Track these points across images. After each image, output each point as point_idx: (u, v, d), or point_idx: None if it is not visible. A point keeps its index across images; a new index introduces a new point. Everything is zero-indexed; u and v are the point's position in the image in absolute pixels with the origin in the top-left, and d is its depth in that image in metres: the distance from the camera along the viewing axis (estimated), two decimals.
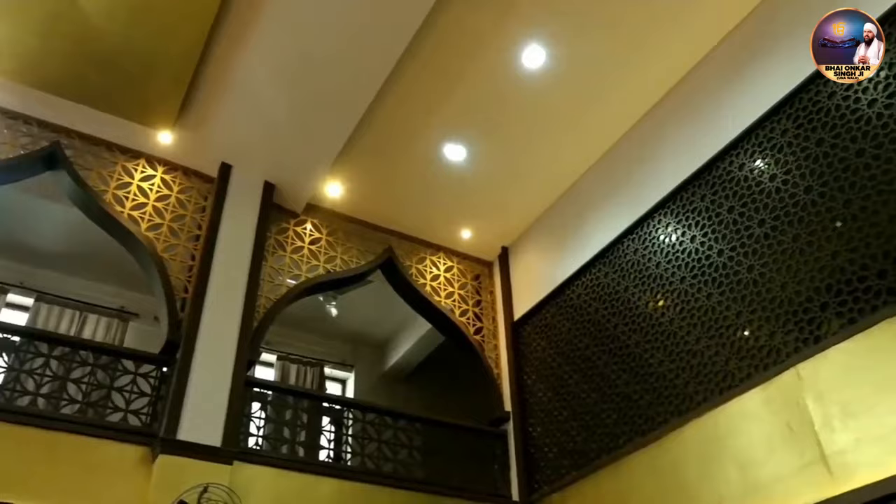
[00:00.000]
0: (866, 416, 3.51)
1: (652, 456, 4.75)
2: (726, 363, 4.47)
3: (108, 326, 7.37)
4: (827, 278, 4.02)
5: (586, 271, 6.05)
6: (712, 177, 5.01)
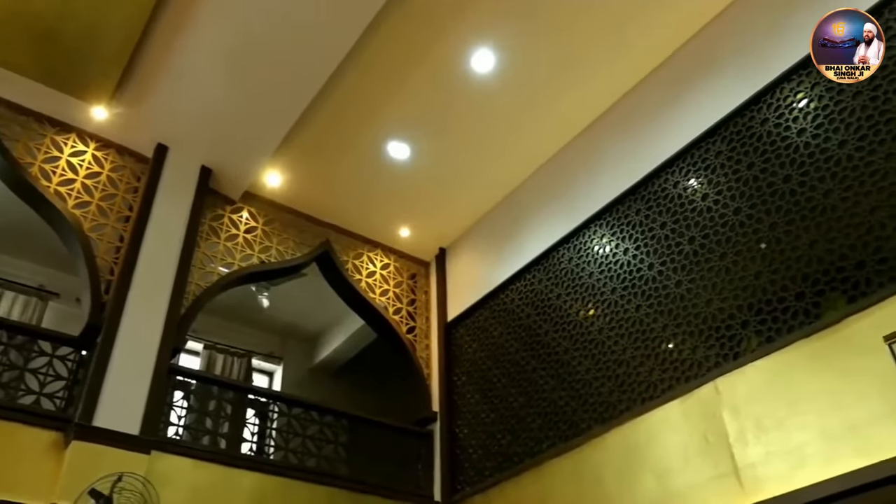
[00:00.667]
0: (777, 431, 3.67)
1: (574, 461, 4.85)
2: (650, 374, 4.60)
3: (25, 305, 7.06)
4: (749, 297, 4.18)
5: (521, 277, 6.13)
6: (648, 192, 5.14)
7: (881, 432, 3.24)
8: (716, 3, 5.05)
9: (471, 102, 5.77)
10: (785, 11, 4.58)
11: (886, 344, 3.31)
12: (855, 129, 3.93)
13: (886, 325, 3.36)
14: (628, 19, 5.16)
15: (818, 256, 3.89)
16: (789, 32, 4.48)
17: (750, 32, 4.78)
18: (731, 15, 5.00)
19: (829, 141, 4.04)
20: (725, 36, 4.98)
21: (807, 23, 4.33)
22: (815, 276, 3.87)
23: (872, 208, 3.72)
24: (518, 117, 5.90)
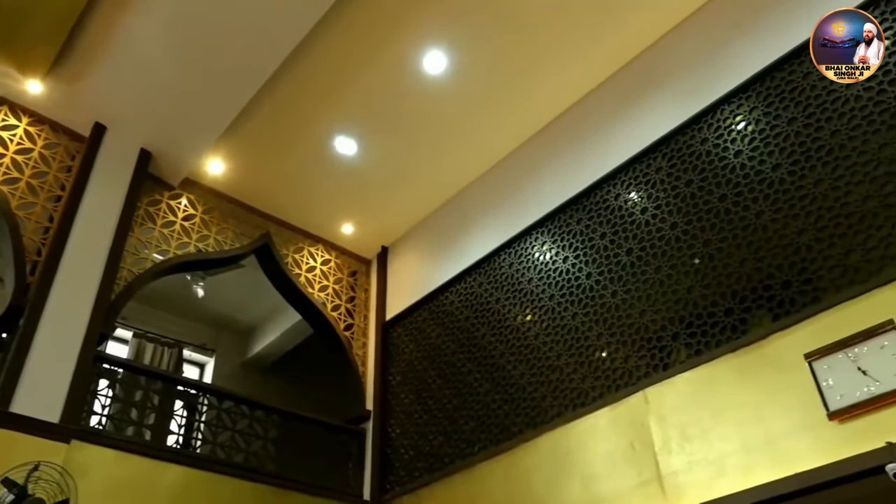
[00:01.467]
0: (700, 441, 3.79)
1: (505, 464, 4.90)
2: (582, 381, 4.69)
3: None
4: (681, 310, 4.31)
5: (461, 279, 6.16)
6: (590, 202, 5.24)
7: (797, 446, 3.38)
8: (664, 24, 5.20)
9: (421, 103, 5.77)
10: (727, 38, 4.75)
11: (807, 362, 3.46)
12: (788, 154, 4.10)
13: (807, 343, 3.51)
14: (580, 32, 5.25)
15: (747, 274, 4.04)
16: (732, 58, 4.65)
17: (696, 54, 4.93)
18: (679, 36, 5.14)
19: (763, 164, 4.20)
20: (672, 55, 5.12)
21: (747, 50, 4.55)
22: (744, 293, 4.01)
23: (800, 230, 3.88)
24: (467, 121, 5.93)
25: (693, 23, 5.08)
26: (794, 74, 4.26)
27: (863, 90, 3.88)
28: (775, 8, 4.52)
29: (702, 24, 5.00)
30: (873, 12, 3.92)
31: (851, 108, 3.90)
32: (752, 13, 4.65)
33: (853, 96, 3.91)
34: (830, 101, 4.02)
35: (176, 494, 4.88)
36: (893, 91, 3.75)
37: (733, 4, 4.83)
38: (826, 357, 3.40)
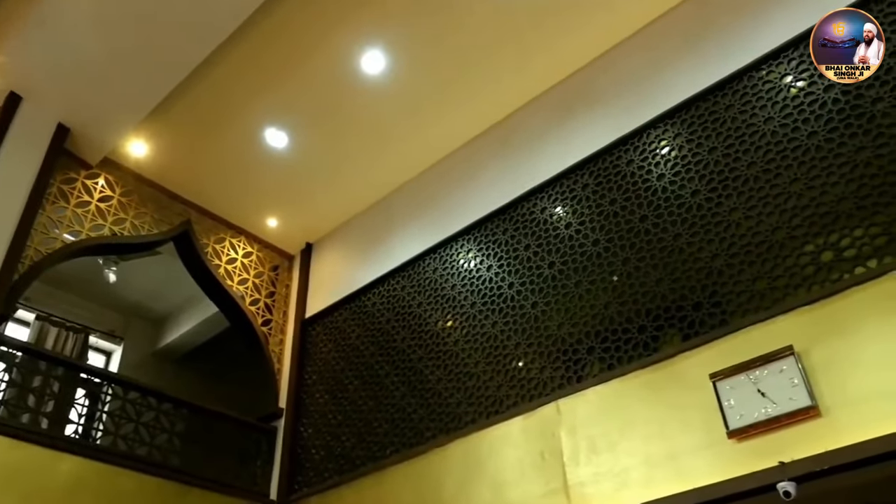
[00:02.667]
0: (608, 453, 3.89)
1: (416, 469, 4.90)
2: (498, 389, 4.75)
3: None
4: (597, 325, 4.42)
5: (385, 281, 6.14)
6: (516, 214, 5.32)
7: (697, 462, 3.52)
8: (600, 45, 5.33)
9: (357, 101, 5.73)
10: (660, 64, 4.92)
11: (711, 381, 3.61)
12: (707, 181, 4.27)
13: (713, 364, 3.67)
14: (518, 45, 5.33)
15: (662, 294, 4.18)
16: (662, 84, 4.82)
17: (628, 77, 5.09)
18: (613, 58, 5.29)
19: (683, 188, 4.37)
20: (606, 76, 5.27)
21: (677, 78, 4.73)
22: (657, 311, 4.15)
23: (713, 255, 4.05)
24: (402, 123, 5.92)
25: (628, 47, 5.24)
26: (718, 106, 4.45)
27: (779, 126, 4.09)
28: (708, 40, 4.71)
29: (636, 49, 5.16)
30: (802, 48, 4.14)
31: (768, 142, 4.10)
32: (685, 43, 4.84)
33: (770, 131, 4.12)
34: (749, 134, 4.21)
35: (72, 486, 4.67)
36: (806, 129, 3.97)
37: (668, 32, 5.01)
38: (729, 378, 3.56)
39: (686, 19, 4.94)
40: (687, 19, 4.93)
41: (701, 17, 4.84)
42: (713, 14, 4.77)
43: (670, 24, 5.03)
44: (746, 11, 4.57)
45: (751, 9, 4.56)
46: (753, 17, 4.52)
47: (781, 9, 4.38)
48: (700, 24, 4.82)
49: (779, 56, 4.29)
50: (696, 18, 4.87)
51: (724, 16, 4.69)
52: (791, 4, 4.34)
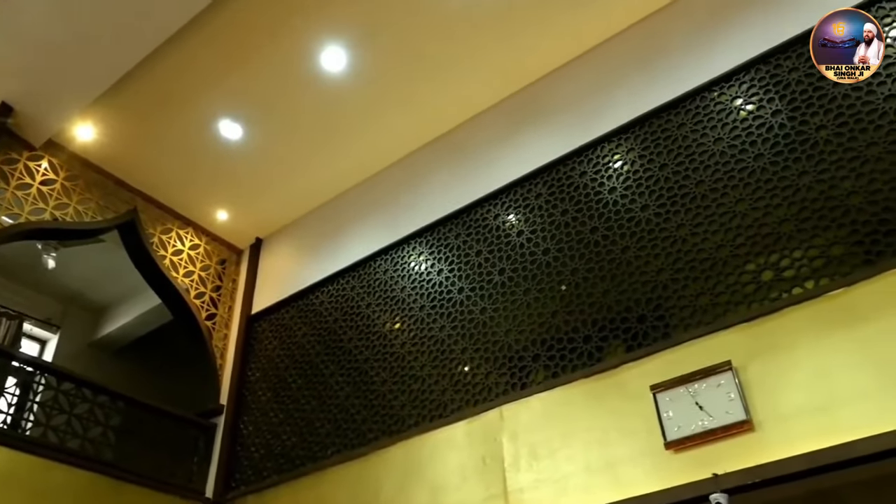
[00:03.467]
0: (548, 460, 3.94)
1: (356, 470, 4.87)
2: (443, 393, 4.75)
3: None
4: (544, 333, 4.47)
5: (334, 280, 6.10)
6: (469, 219, 5.35)
7: (634, 471, 3.59)
8: (560, 56, 5.41)
9: (315, 98, 5.68)
10: (616, 80, 5.02)
11: (652, 393, 3.68)
12: (657, 197, 4.37)
13: (654, 375, 3.74)
14: (479, 53, 5.36)
15: (608, 305, 4.25)
16: (618, 99, 4.92)
17: (587, 90, 5.17)
18: (573, 70, 5.37)
19: (633, 203, 4.45)
20: (564, 88, 5.34)
21: (632, 94, 4.82)
22: (603, 322, 4.22)
23: (659, 269, 4.14)
24: (360, 122, 5.89)
25: (586, 61, 5.32)
26: (671, 124, 4.56)
27: (727, 147, 4.21)
28: (663, 60, 4.83)
29: (593, 65, 5.25)
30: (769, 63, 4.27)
31: (716, 162, 4.21)
32: (640, 61, 4.94)
33: (719, 151, 4.23)
34: (699, 153, 4.32)
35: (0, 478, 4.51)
36: (753, 151, 4.09)
37: (624, 51, 5.11)
38: (669, 390, 3.64)
39: (641, 39, 5.05)
40: (642, 39, 5.05)
41: (656, 39, 4.96)
42: (667, 36, 4.89)
43: (626, 43, 5.14)
44: (700, 34, 4.71)
45: (705, 32, 4.69)
46: (708, 39, 4.65)
47: (734, 34, 4.52)
48: (655, 45, 4.93)
49: (731, 79, 4.42)
50: (651, 39, 4.98)
51: (678, 38, 4.82)
52: (743, 31, 4.49)
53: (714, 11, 4.72)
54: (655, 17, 5.07)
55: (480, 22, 5.13)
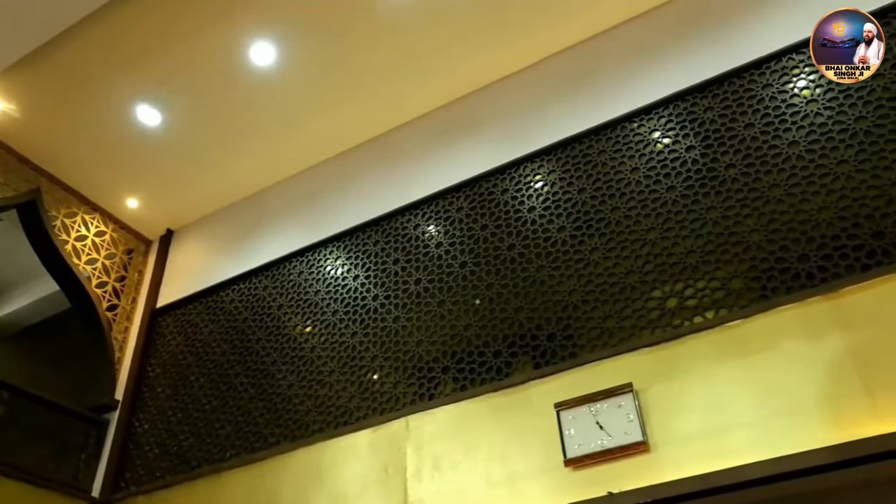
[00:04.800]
0: (450, 472, 3.95)
1: (254, 474, 4.75)
2: (350, 400, 4.71)
3: None
4: (455, 346, 4.50)
5: (246, 279, 5.96)
6: (389, 227, 5.34)
7: (533, 487, 3.65)
8: (489, 74, 5.50)
9: (240, 91, 5.55)
10: (544, 102, 5.15)
11: (555, 410, 3.76)
12: (574, 219, 4.48)
13: (559, 393, 3.82)
14: (410, 61, 5.38)
15: (519, 322, 4.33)
16: (544, 121, 5.04)
17: (515, 109, 5.28)
18: (503, 88, 5.47)
19: (551, 223, 4.56)
20: (491, 106, 5.43)
21: (558, 118, 4.95)
22: (513, 338, 4.29)
23: (571, 290, 4.24)
24: (285, 120, 5.80)
25: (515, 81, 5.43)
26: (592, 150, 4.70)
27: (643, 177, 4.37)
28: (589, 86, 5.00)
29: (522, 85, 5.37)
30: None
31: (632, 190, 4.37)
32: (569, 86, 5.10)
33: (634, 180, 4.39)
34: (616, 180, 4.47)
35: None
36: (667, 183, 4.26)
37: (554, 74, 5.25)
38: (572, 408, 3.72)
39: (572, 65, 5.21)
40: (573, 65, 5.20)
41: (586, 66, 5.12)
42: (597, 64, 5.06)
43: (557, 67, 5.28)
44: (627, 66, 4.90)
45: (631, 65, 4.89)
46: (633, 72, 4.84)
47: (658, 70, 4.73)
48: (584, 72, 5.09)
49: (651, 112, 4.60)
50: (581, 66, 5.14)
51: (606, 67, 5.00)
52: (666, 68, 4.70)
53: (642, 47, 4.92)
54: (587, 44, 5.24)
55: (417, 30, 5.16)
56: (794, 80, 4.20)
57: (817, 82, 4.12)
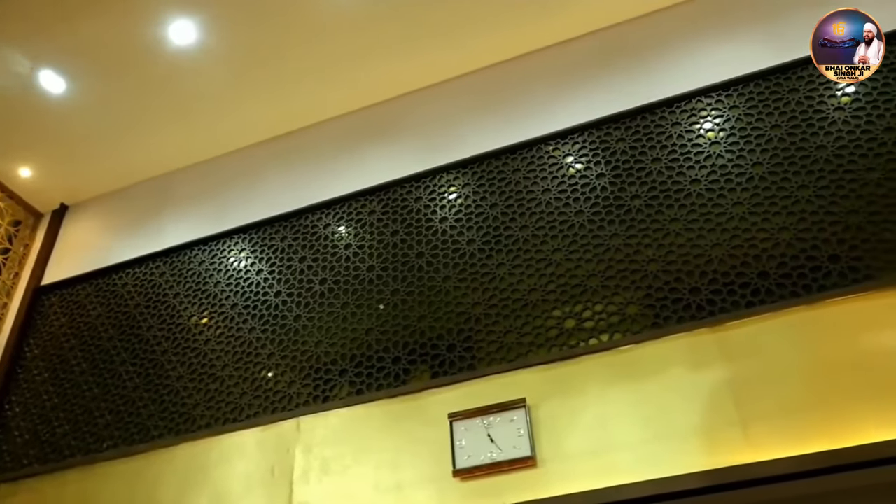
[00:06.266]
0: (338, 476, 3.92)
1: (133, 467, 4.54)
2: (241, 397, 4.59)
3: None
4: (354, 349, 4.47)
5: (143, 263, 5.71)
6: (299, 224, 5.25)
7: (420, 496, 3.66)
8: (414, 81, 5.52)
9: (156, 67, 5.33)
10: (463, 115, 5.21)
11: (449, 421, 3.79)
12: (483, 233, 4.55)
13: (454, 404, 3.86)
14: (335, 60, 5.33)
15: (421, 330, 4.34)
16: (464, 133, 5.11)
17: (432, 118, 5.32)
18: (421, 97, 5.50)
19: (461, 235, 4.61)
20: (411, 113, 5.45)
21: (478, 130, 5.03)
22: (414, 346, 4.30)
23: (474, 303, 4.30)
24: (201, 103, 5.61)
25: (441, 90, 5.48)
26: (507, 167, 4.79)
27: (554, 198, 4.49)
28: (510, 105, 5.10)
29: (444, 96, 5.42)
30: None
31: (542, 210, 4.48)
32: (489, 102, 5.19)
33: (545, 201, 4.50)
34: (528, 199, 4.57)
35: None
36: (576, 207, 4.40)
37: (475, 89, 5.33)
38: (466, 420, 3.76)
39: (495, 82, 5.30)
40: (495, 82, 5.30)
41: (508, 84, 5.23)
42: (519, 84, 5.17)
43: (480, 82, 5.36)
44: (548, 89, 5.04)
45: (552, 88, 5.03)
46: (552, 96, 4.98)
47: (576, 97, 4.89)
48: (505, 90, 5.20)
49: (566, 137, 4.74)
50: (504, 83, 5.24)
51: (527, 89, 5.12)
52: (584, 95, 4.87)
53: (565, 72, 5.07)
54: (512, 63, 5.34)
55: (345, 32, 5.12)
56: (701, 122, 4.43)
57: (721, 126, 4.36)
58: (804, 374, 3.34)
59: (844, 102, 4.16)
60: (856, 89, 4.17)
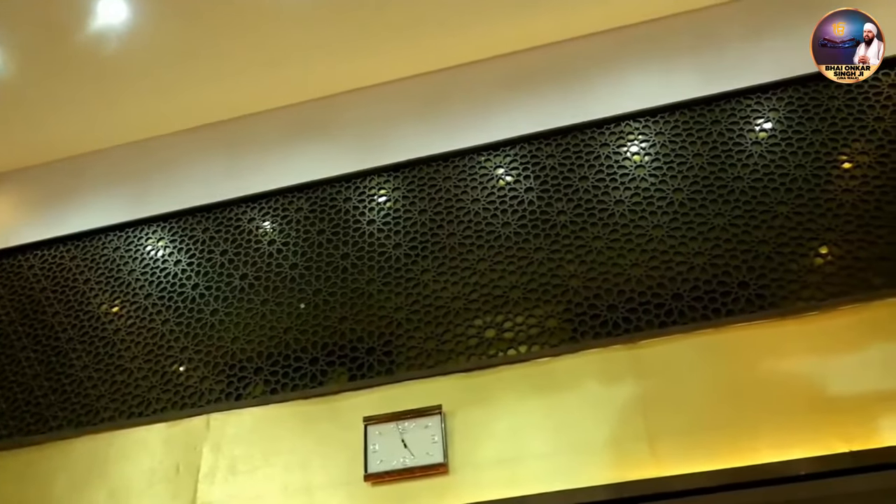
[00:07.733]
0: (246, 476, 3.84)
1: (27, 460, 4.32)
2: (149, 390, 4.44)
3: None
4: (272, 347, 4.39)
5: (53, 246, 5.44)
6: (222, 216, 5.12)
7: (329, 498, 3.64)
8: (350, 80, 5.46)
9: (82, 43, 5.07)
10: (400, 119, 5.20)
11: (364, 424, 3.77)
12: (410, 238, 4.55)
13: (370, 408, 3.84)
14: (270, 52, 5.22)
15: (342, 332, 4.31)
16: (398, 137, 5.08)
17: (369, 119, 5.27)
18: (358, 98, 5.43)
19: (388, 239, 4.60)
20: (347, 112, 5.38)
21: (413, 134, 5.03)
22: (333, 347, 4.26)
23: (397, 307, 4.29)
24: (131, 83, 5.34)
25: (378, 92, 5.42)
26: (438, 174, 4.81)
27: (482, 209, 4.54)
28: (446, 114, 5.11)
29: (384, 97, 5.37)
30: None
31: (470, 220, 4.52)
32: (427, 108, 5.18)
33: (474, 211, 4.54)
34: (457, 207, 4.60)
35: None
36: (503, 219, 4.46)
37: (415, 93, 5.31)
38: (380, 424, 3.75)
39: (432, 88, 5.29)
40: (433, 89, 5.28)
41: (444, 91, 5.23)
42: (455, 92, 5.19)
43: (417, 88, 5.34)
44: (483, 100, 5.06)
45: (486, 99, 5.06)
46: (488, 106, 5.02)
47: (510, 109, 4.94)
48: (442, 97, 5.20)
49: (498, 149, 4.79)
50: (440, 90, 5.24)
51: (464, 97, 5.13)
52: (517, 109, 4.93)
53: (501, 84, 5.11)
54: (450, 71, 5.33)
55: (288, 26, 5.01)
56: (628, 145, 4.57)
57: (647, 150, 4.51)
58: (709, 393, 3.48)
59: (762, 137, 4.38)
60: (772, 126, 4.39)
